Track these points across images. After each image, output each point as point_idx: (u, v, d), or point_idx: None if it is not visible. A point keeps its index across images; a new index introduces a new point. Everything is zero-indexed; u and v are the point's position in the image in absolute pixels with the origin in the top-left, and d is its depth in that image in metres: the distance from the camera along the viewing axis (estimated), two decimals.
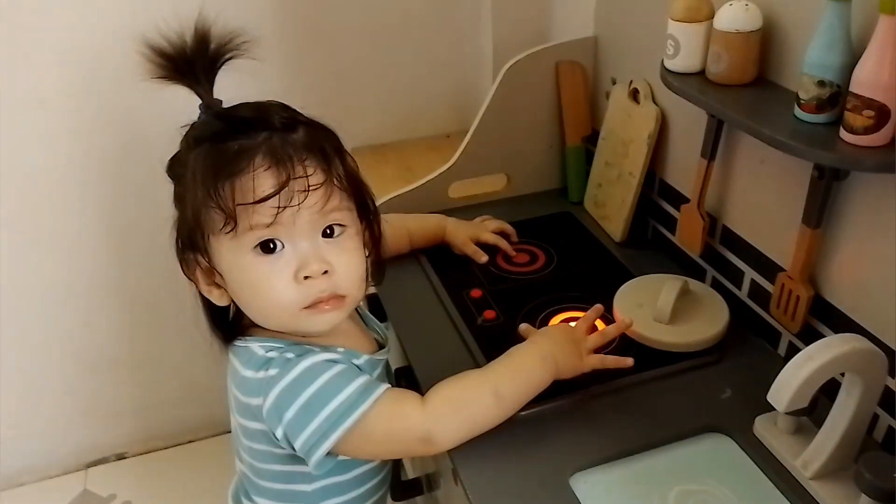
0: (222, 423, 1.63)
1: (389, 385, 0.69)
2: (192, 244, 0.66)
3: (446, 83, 1.41)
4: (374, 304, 1.01)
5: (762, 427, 0.73)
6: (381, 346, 0.79)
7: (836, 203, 0.72)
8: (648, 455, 0.73)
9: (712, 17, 0.76)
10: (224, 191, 0.62)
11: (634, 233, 1.05)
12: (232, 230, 0.63)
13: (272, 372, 0.66)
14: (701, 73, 0.79)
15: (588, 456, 0.72)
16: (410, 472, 1.04)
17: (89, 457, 1.59)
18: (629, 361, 0.79)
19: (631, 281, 0.92)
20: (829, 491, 0.66)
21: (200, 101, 0.68)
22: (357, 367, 0.70)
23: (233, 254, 0.65)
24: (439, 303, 0.94)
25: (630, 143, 1.01)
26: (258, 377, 0.67)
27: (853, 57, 0.63)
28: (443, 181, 1.12)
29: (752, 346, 0.86)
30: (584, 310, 0.90)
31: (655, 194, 1.02)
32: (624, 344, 0.85)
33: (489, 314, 0.91)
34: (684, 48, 0.78)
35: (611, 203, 1.06)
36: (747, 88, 0.76)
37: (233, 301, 0.69)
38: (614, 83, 1.06)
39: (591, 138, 1.14)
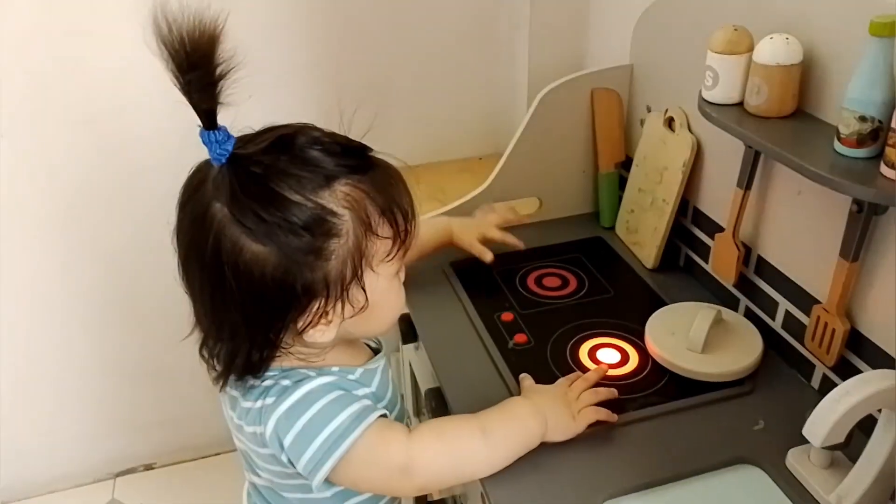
0: None
1: (384, 414, 0.68)
2: (337, 288, 0.64)
3: (482, 107, 1.43)
4: (407, 325, 1.03)
5: (795, 460, 0.72)
6: (376, 352, 0.78)
7: (874, 237, 0.71)
8: (679, 485, 0.73)
9: (752, 50, 0.77)
10: (398, 219, 0.65)
11: (666, 259, 1.05)
12: (398, 252, 0.67)
13: (269, 400, 0.66)
14: (739, 105, 0.80)
15: (619, 484, 0.72)
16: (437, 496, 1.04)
17: (118, 466, 1.62)
18: (615, 418, 0.78)
19: (663, 308, 0.92)
20: None
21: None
22: (354, 383, 0.71)
23: (385, 279, 0.68)
24: (471, 325, 0.95)
25: (664, 170, 1.01)
26: (256, 407, 0.67)
27: (895, 94, 0.63)
28: (477, 203, 1.13)
29: (785, 377, 0.85)
30: (616, 337, 0.91)
31: (689, 221, 1.02)
32: (657, 372, 0.85)
33: (520, 338, 0.91)
34: (723, 80, 0.79)
35: (643, 229, 1.07)
36: (786, 121, 0.76)
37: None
38: (649, 111, 1.07)
39: (625, 164, 1.14)
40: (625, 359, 0.88)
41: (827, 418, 0.59)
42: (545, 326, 0.93)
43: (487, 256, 1.02)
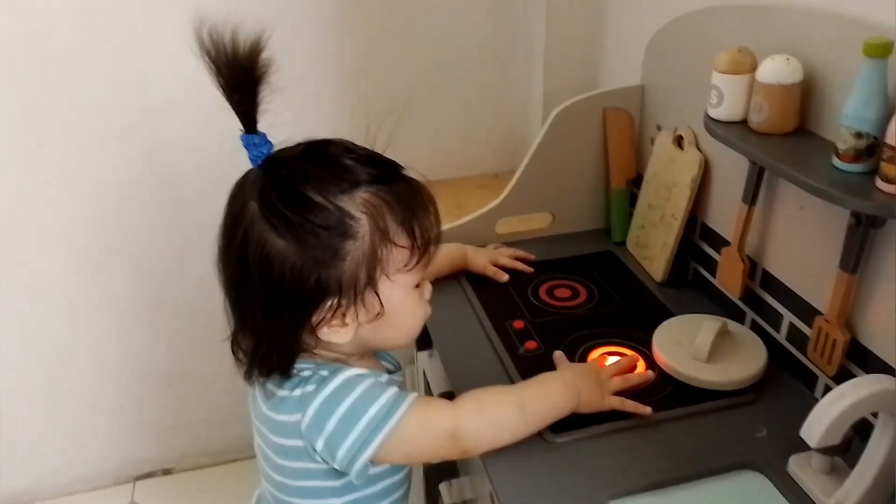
0: None
1: (417, 393, 0.73)
2: (351, 290, 0.68)
3: (498, 125, 1.47)
4: (422, 332, 1.06)
5: (796, 466, 0.74)
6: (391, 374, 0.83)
7: (873, 249, 0.74)
8: (683, 488, 0.75)
9: (755, 70, 0.80)
10: (417, 232, 0.69)
11: (675, 273, 1.07)
12: (417, 264, 0.71)
13: (309, 388, 0.70)
14: (743, 123, 0.83)
15: (624, 485, 0.74)
16: (447, 500, 1.07)
17: (138, 470, 1.66)
18: (648, 410, 0.82)
19: (670, 319, 0.95)
20: None
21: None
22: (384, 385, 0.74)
23: (402, 290, 0.72)
24: (483, 331, 0.99)
25: (673, 186, 1.05)
26: (295, 395, 0.71)
27: (889, 110, 0.66)
28: (491, 217, 1.17)
29: (788, 387, 0.87)
30: (623, 346, 0.94)
31: (697, 237, 1.05)
32: (662, 380, 0.87)
33: (531, 345, 0.94)
34: (727, 98, 0.82)
35: (653, 244, 1.10)
36: (788, 138, 0.79)
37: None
38: (659, 129, 1.11)
39: (635, 181, 1.18)
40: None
41: (822, 420, 0.62)
42: (555, 334, 0.96)
43: (503, 277, 1.08)
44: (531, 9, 1.33)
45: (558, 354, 0.90)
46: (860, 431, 0.69)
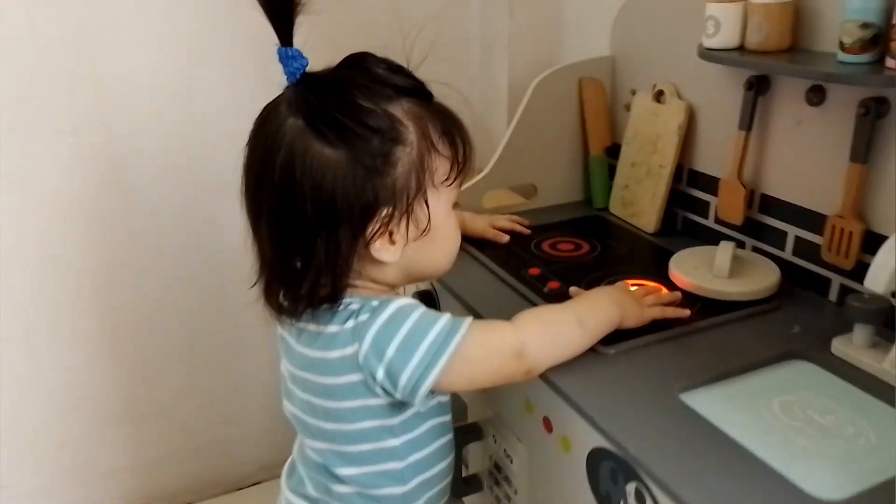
0: (227, 480, 1.55)
1: (472, 317, 0.71)
2: (403, 200, 0.67)
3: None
4: (426, 299, 1.03)
5: (840, 345, 0.78)
6: None
7: (878, 140, 0.81)
8: (742, 378, 0.77)
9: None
10: (458, 143, 0.69)
11: (665, 225, 1.12)
12: (455, 180, 0.70)
13: (363, 318, 0.68)
14: (738, 49, 0.90)
15: (687, 380, 0.75)
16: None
17: None
18: (687, 312, 0.85)
19: (680, 252, 0.98)
20: None
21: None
22: None
23: (445, 205, 0.71)
24: (502, 282, 0.98)
25: (658, 139, 1.10)
26: (347, 327, 0.68)
27: (889, 1, 0.74)
28: (477, 190, 1.18)
29: (803, 297, 0.92)
30: (641, 278, 0.96)
31: (684, 185, 1.10)
32: (688, 300, 0.89)
33: (553, 284, 0.94)
34: (724, 26, 0.89)
35: (640, 200, 1.14)
36: (785, 52, 0.87)
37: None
38: (633, 94, 1.17)
39: (610, 153, 1.23)
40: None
41: (886, 265, 0.65)
42: (571, 276, 0.97)
43: (503, 238, 1.09)
44: (489, 4, 1.39)
45: (574, 289, 0.90)
46: None
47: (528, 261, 1.02)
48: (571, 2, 1.33)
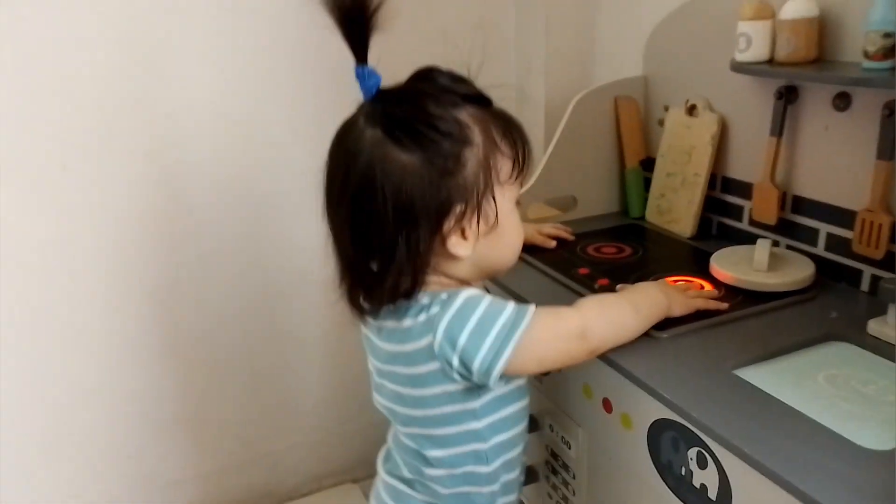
0: (280, 491, 1.61)
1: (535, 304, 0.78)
2: (473, 197, 0.74)
3: None
4: None
5: (876, 325, 0.85)
6: None
7: None
8: (785, 358, 0.83)
9: (773, 17, 0.97)
10: (518, 143, 0.77)
11: (700, 230, 1.20)
12: (517, 178, 0.78)
13: (434, 310, 0.74)
14: (768, 62, 0.99)
15: (739, 358, 0.82)
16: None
17: None
18: (725, 305, 0.92)
19: (720, 251, 1.05)
20: None
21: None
22: None
23: (509, 202, 0.78)
24: (555, 282, 1.05)
25: (692, 149, 1.19)
26: (421, 320, 0.75)
27: None
28: (523, 202, 1.26)
29: (837, 288, 0.99)
30: (684, 275, 1.03)
31: (718, 191, 1.18)
32: (731, 293, 0.96)
33: (603, 281, 1.02)
34: (755, 42, 0.98)
35: (676, 207, 1.22)
36: (812, 63, 0.95)
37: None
38: (667, 109, 1.26)
39: (645, 166, 1.31)
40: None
41: None
42: (619, 275, 1.04)
43: (550, 244, 1.17)
44: (525, 24, 1.48)
45: (621, 286, 0.97)
46: None
47: (577, 262, 1.10)
48: (604, 26, 1.42)
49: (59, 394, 1.38)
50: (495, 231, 0.78)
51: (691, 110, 1.20)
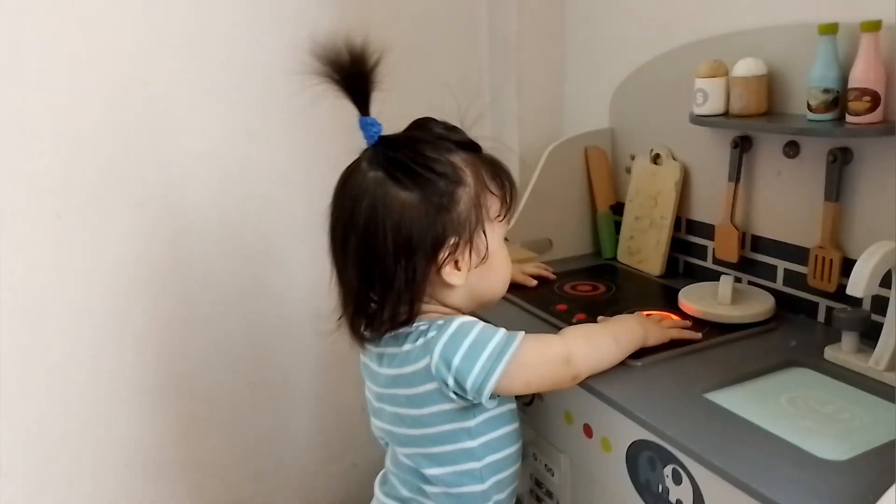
0: None
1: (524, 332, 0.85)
2: (466, 231, 0.82)
3: None
4: None
5: (832, 352, 0.93)
6: None
7: (846, 182, 0.98)
8: (750, 382, 0.91)
9: (727, 75, 1.07)
10: (506, 185, 0.86)
11: (668, 268, 1.28)
12: (505, 217, 0.86)
13: (431, 334, 0.81)
14: (724, 114, 1.09)
15: (706, 383, 0.89)
16: None
17: None
18: (698, 335, 1.00)
19: (686, 287, 1.13)
20: None
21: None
22: None
23: (498, 237, 0.87)
24: (534, 316, 1.12)
25: (658, 194, 1.28)
26: (419, 344, 0.82)
27: (843, 70, 0.93)
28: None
29: (796, 320, 1.07)
30: (656, 310, 1.11)
31: (683, 233, 1.27)
32: (698, 323, 1.04)
33: (580, 316, 1.08)
34: (711, 96, 1.08)
35: (645, 248, 1.30)
36: (763, 116, 1.05)
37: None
38: (633, 158, 1.35)
39: (615, 209, 1.40)
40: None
41: (863, 273, 0.81)
42: (595, 310, 1.11)
43: (531, 282, 1.25)
44: (498, 82, 1.58)
45: (601, 318, 1.04)
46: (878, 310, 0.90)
47: (555, 299, 1.17)
48: (572, 82, 1.53)
49: (40, 439, 1.39)
50: (486, 263, 0.85)
51: (656, 159, 1.30)
